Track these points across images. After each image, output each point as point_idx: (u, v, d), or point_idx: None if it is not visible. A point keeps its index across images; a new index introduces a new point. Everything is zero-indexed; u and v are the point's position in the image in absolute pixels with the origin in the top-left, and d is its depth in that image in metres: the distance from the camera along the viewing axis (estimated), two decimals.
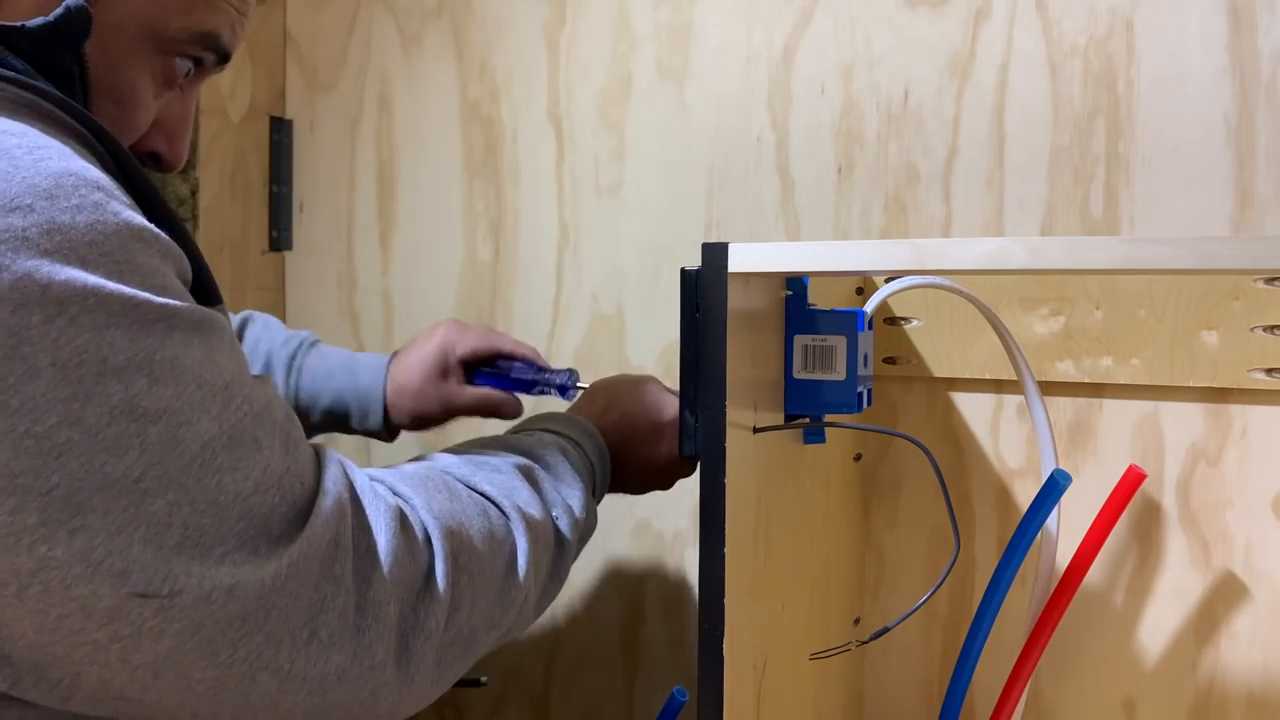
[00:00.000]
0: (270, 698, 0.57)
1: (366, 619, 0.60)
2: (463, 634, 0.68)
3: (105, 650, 0.52)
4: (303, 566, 0.57)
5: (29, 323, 0.48)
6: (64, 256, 0.50)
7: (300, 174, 1.48)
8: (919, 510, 1.14)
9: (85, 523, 0.50)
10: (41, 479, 0.49)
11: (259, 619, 0.55)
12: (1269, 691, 1.00)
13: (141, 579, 0.51)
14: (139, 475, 0.51)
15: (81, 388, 0.49)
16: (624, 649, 1.32)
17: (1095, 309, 1.03)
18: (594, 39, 1.31)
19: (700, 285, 0.81)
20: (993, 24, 1.11)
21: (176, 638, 0.53)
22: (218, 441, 0.54)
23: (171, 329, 0.53)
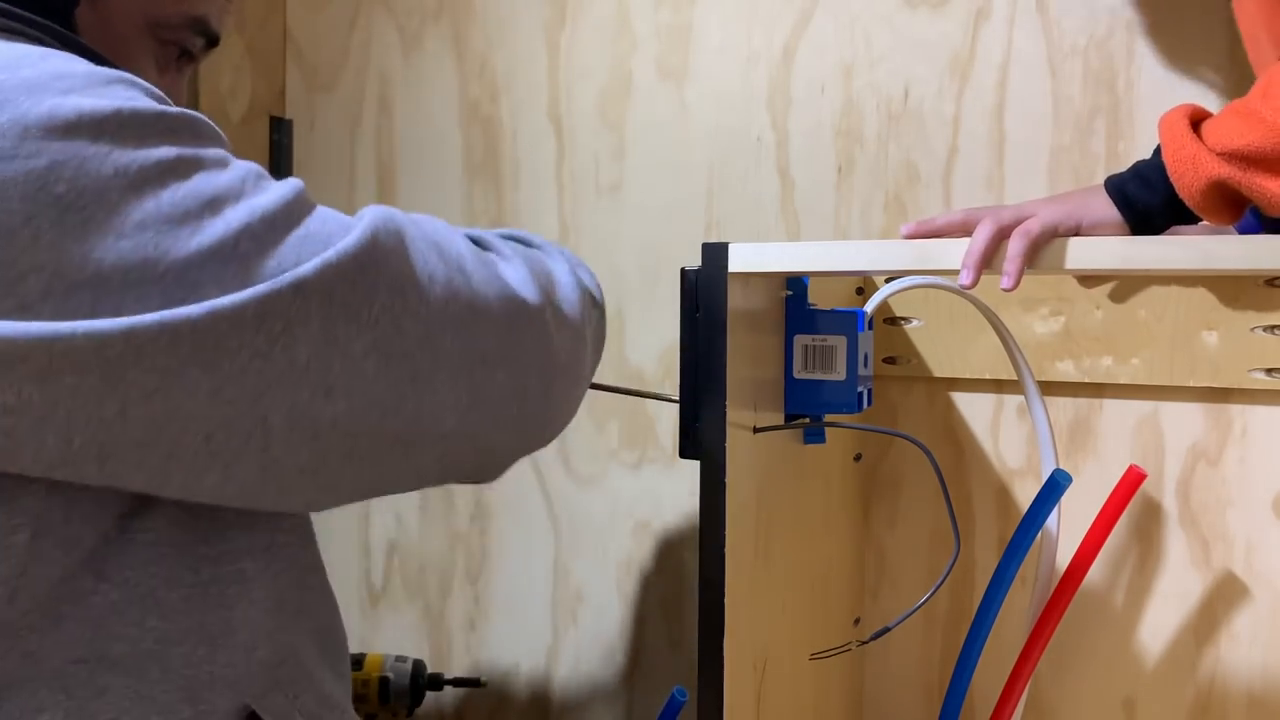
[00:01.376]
0: (427, 351, 0.61)
1: (463, 267, 0.65)
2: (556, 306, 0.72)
3: (271, 358, 0.55)
4: (384, 229, 0.62)
5: (81, 143, 0.53)
6: (77, 93, 0.54)
7: (300, 174, 1.48)
8: (919, 510, 1.14)
9: (203, 293, 0.54)
10: (149, 269, 0.53)
11: (372, 272, 0.59)
12: (1269, 691, 1.00)
13: (268, 285, 0.56)
14: (234, 242, 0.55)
15: (147, 187, 0.54)
16: (624, 649, 1.32)
17: (1095, 309, 1.03)
18: (594, 39, 1.31)
19: (700, 285, 0.81)
20: (993, 24, 1.11)
21: (320, 310, 0.57)
22: (286, 200, 0.59)
23: (198, 136, 0.58)
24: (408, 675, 1.25)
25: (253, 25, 1.44)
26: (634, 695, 1.32)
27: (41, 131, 0.52)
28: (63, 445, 0.53)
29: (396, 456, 0.63)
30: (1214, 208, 0.74)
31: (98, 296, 0.52)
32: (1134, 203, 0.77)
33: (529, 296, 0.68)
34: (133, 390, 0.53)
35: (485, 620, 1.40)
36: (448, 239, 0.67)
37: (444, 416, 0.63)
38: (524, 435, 0.72)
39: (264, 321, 0.55)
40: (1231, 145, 0.72)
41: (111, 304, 0.52)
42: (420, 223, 0.67)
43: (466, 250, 0.67)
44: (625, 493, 1.31)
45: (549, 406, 0.71)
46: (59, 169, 0.52)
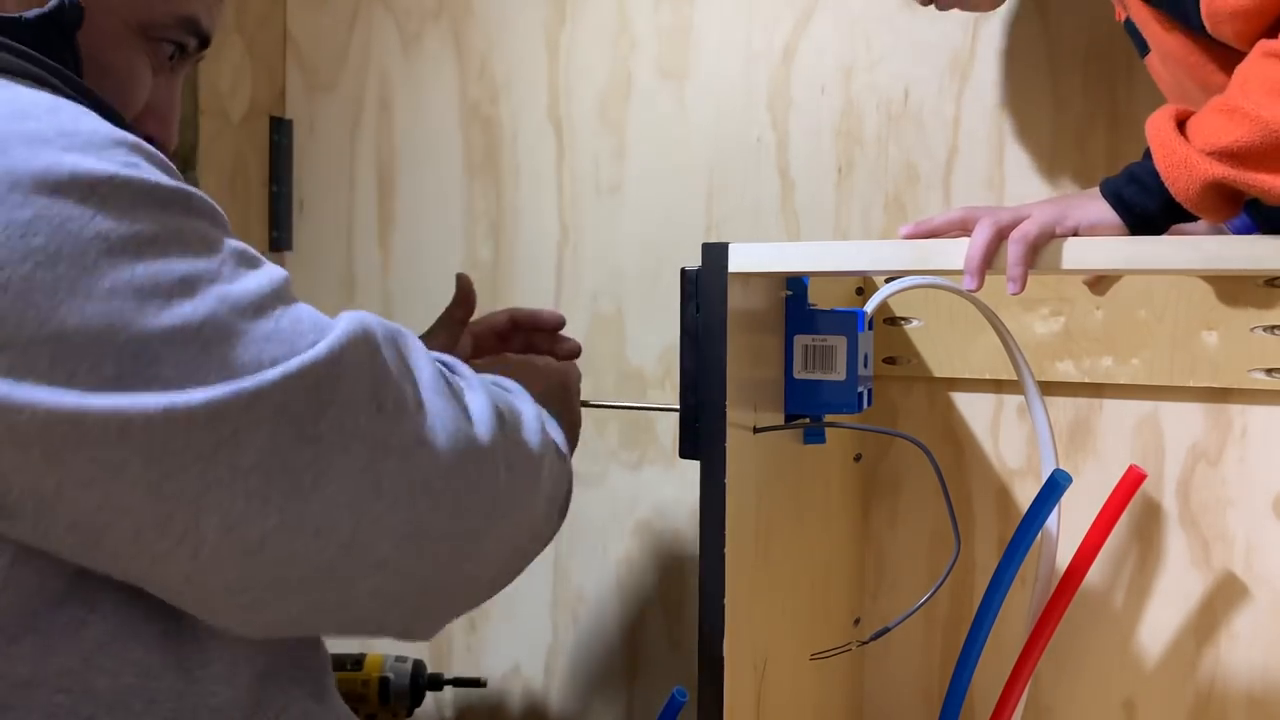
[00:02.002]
0: (370, 477, 0.60)
1: (421, 394, 0.64)
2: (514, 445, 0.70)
3: (214, 461, 0.55)
4: (353, 343, 0.60)
5: (67, 202, 0.53)
6: (77, 151, 0.54)
7: (300, 174, 1.48)
8: (919, 510, 1.14)
9: (158, 372, 0.53)
10: (110, 335, 0.53)
11: (330, 387, 0.58)
12: (1269, 691, 1.00)
13: (225, 388, 0.55)
14: (199, 327, 0.55)
15: (124, 256, 0.54)
16: (624, 649, 1.32)
17: (1095, 309, 1.03)
18: (594, 39, 1.31)
19: (700, 285, 0.81)
20: (993, 24, 1.11)
21: (270, 420, 0.56)
22: (261, 293, 0.59)
23: (189, 211, 0.58)
24: (408, 675, 1.25)
25: (253, 25, 1.44)
26: (634, 695, 1.32)
27: (32, 186, 0.52)
28: (3, 493, 0.52)
29: (328, 589, 0.61)
30: (1212, 206, 0.74)
31: (55, 356, 0.51)
32: (1132, 206, 0.77)
33: (484, 432, 0.66)
34: (71, 475, 0.52)
35: (485, 620, 1.40)
36: (416, 360, 0.66)
37: (379, 546, 0.61)
38: (462, 581, 0.69)
39: (214, 425, 0.54)
40: (1220, 143, 0.72)
41: (67, 367, 0.51)
42: (394, 338, 0.65)
43: (430, 374, 0.66)
44: (625, 493, 1.31)
45: (492, 550, 0.69)
46: (40, 223, 0.52)
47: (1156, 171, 0.75)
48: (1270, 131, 0.70)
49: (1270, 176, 0.71)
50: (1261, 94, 0.71)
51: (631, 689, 1.32)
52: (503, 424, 0.68)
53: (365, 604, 0.64)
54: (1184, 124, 0.76)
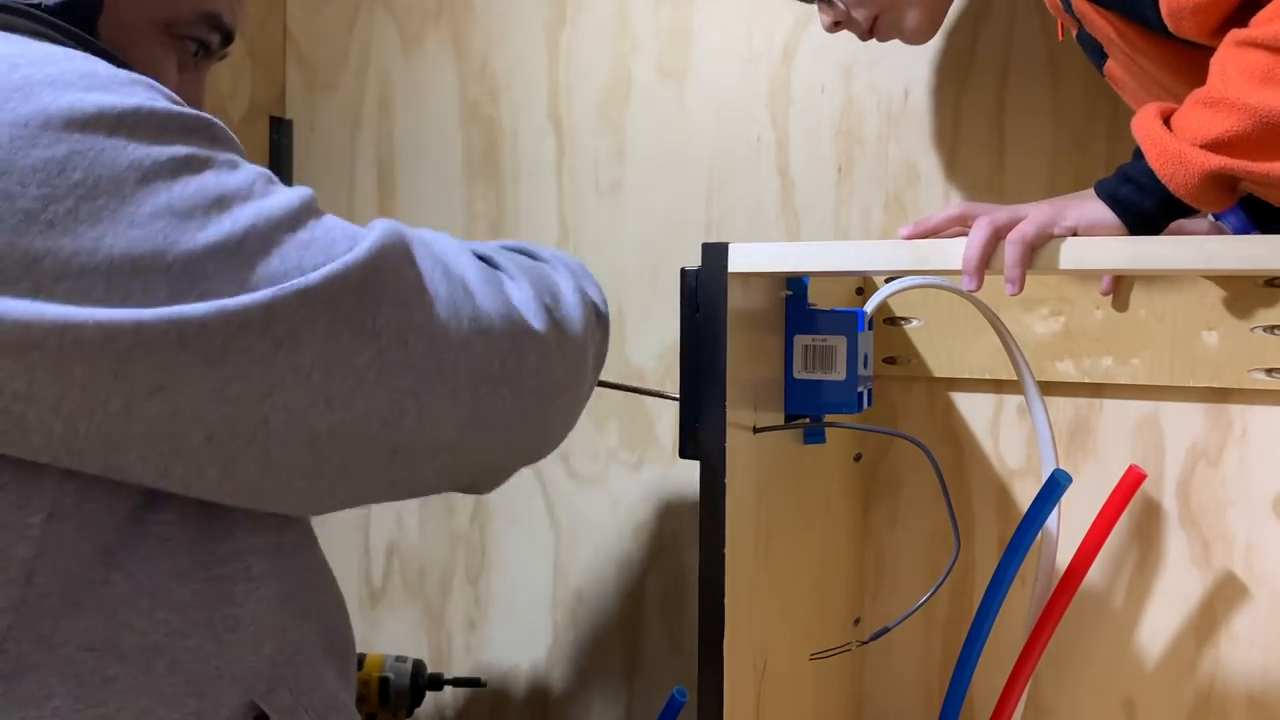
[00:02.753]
0: (431, 365, 0.62)
1: (468, 287, 0.66)
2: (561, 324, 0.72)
3: (275, 361, 0.57)
4: (391, 243, 0.62)
5: (98, 136, 0.55)
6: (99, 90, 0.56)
7: (300, 174, 1.48)
8: (919, 510, 1.14)
9: (208, 287, 0.55)
10: (158, 258, 0.54)
11: (377, 285, 0.60)
12: (1269, 691, 1.00)
13: (274, 290, 0.57)
14: (240, 240, 0.57)
15: (160, 181, 0.56)
16: (624, 649, 1.32)
17: (1095, 309, 1.03)
18: (594, 39, 1.31)
19: (700, 285, 0.81)
20: (993, 24, 1.11)
21: (325, 318, 0.58)
22: (292, 206, 0.60)
23: (214, 139, 0.60)
24: (408, 675, 1.25)
25: (253, 25, 1.44)
26: (634, 695, 1.32)
27: (62, 123, 0.54)
28: (70, 434, 0.54)
29: (394, 467, 0.64)
30: (1211, 198, 0.74)
31: (109, 281, 0.53)
32: (1129, 206, 0.77)
33: (532, 316, 0.69)
34: (139, 385, 0.54)
35: (485, 620, 1.40)
36: (454, 256, 0.68)
37: (443, 431, 0.64)
38: (523, 450, 0.73)
39: (270, 326, 0.56)
40: (1211, 135, 0.72)
41: (120, 290, 0.53)
42: (427, 239, 0.68)
43: (472, 268, 0.68)
44: (625, 493, 1.31)
45: (548, 423, 0.72)
46: (76, 158, 0.54)
47: (1151, 170, 0.75)
48: (1260, 118, 0.70)
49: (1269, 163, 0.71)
50: (1243, 82, 0.71)
51: (631, 689, 1.32)
52: (547, 306, 0.71)
53: (431, 478, 0.67)
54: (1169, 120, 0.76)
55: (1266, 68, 0.70)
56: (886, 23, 0.97)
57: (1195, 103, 0.74)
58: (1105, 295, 1.02)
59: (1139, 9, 0.80)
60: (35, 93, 0.54)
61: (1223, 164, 0.72)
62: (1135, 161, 0.77)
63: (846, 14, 0.97)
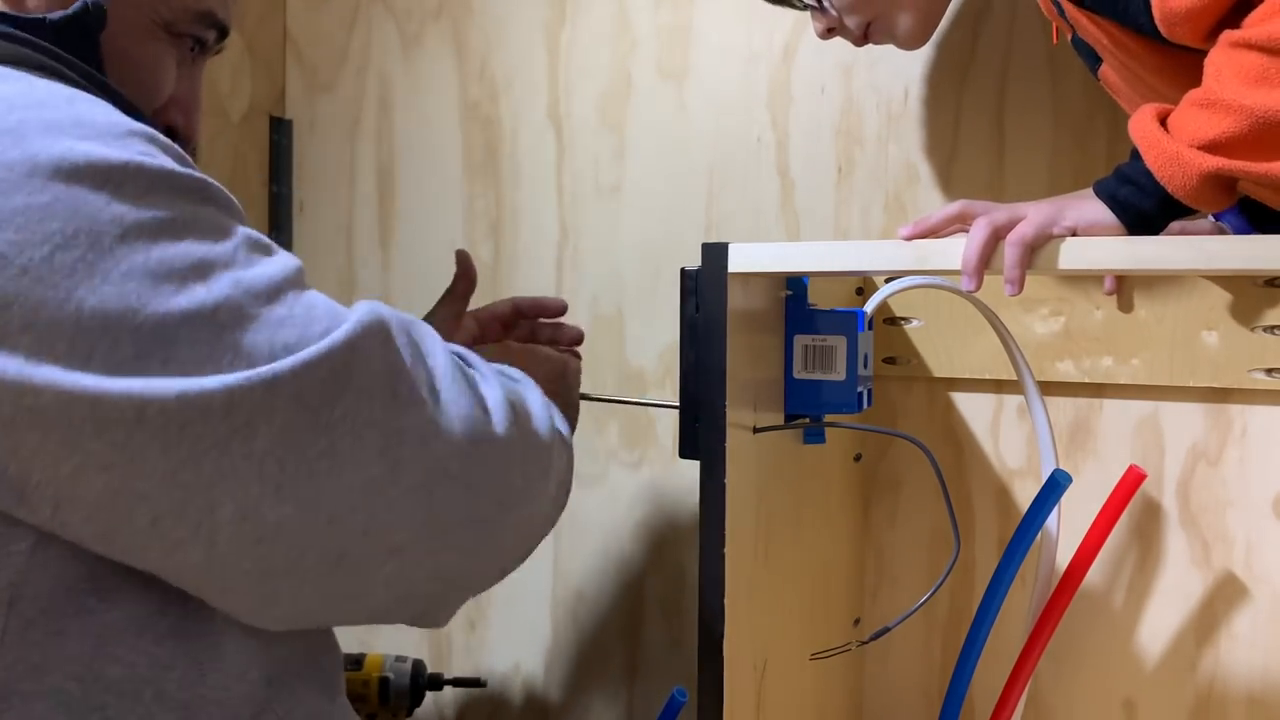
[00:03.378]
0: (386, 462, 0.61)
1: (436, 383, 0.65)
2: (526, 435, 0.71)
3: (229, 448, 0.55)
4: (367, 332, 0.61)
5: (83, 188, 0.54)
6: (93, 140, 0.55)
7: (300, 174, 1.48)
8: (919, 510, 1.14)
9: (174, 353, 0.54)
10: (127, 317, 0.54)
11: (344, 375, 0.59)
12: (1269, 691, 1.00)
13: (240, 375, 0.56)
14: (214, 310, 0.56)
15: (140, 240, 0.55)
16: (624, 649, 1.32)
17: (1095, 309, 1.03)
18: (594, 39, 1.31)
19: (700, 285, 0.81)
20: (992, 24, 1.11)
21: (285, 409, 0.57)
22: (275, 280, 0.59)
23: (205, 200, 0.59)
24: (408, 675, 1.25)
25: (253, 25, 1.44)
26: (634, 695, 1.32)
27: (49, 171, 0.53)
28: (22, 480, 0.53)
29: (340, 575, 0.62)
30: (1210, 199, 0.74)
31: (75, 336, 0.52)
32: (1128, 207, 0.77)
33: (498, 420, 0.67)
34: (90, 459, 0.53)
35: (485, 620, 1.40)
36: (430, 349, 0.67)
37: (395, 532, 0.62)
38: (477, 566, 0.70)
39: (230, 413, 0.55)
40: (1208, 136, 0.72)
41: (85, 347, 0.53)
42: (408, 325, 0.66)
43: (444, 363, 0.67)
44: (625, 493, 1.31)
45: (505, 534, 0.70)
46: (58, 206, 0.53)
47: (1149, 171, 0.75)
48: (1256, 118, 0.70)
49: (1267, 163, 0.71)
50: (1238, 83, 0.71)
51: (631, 689, 1.32)
52: (515, 415, 0.69)
53: (380, 592, 0.64)
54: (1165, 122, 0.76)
55: (1261, 68, 0.70)
56: (879, 29, 0.96)
57: (1191, 104, 0.74)
58: (1109, 295, 1.02)
59: (1132, 14, 0.80)
60: (28, 137, 0.54)
61: (1220, 165, 0.72)
62: (1133, 162, 0.77)
63: (839, 21, 0.97)
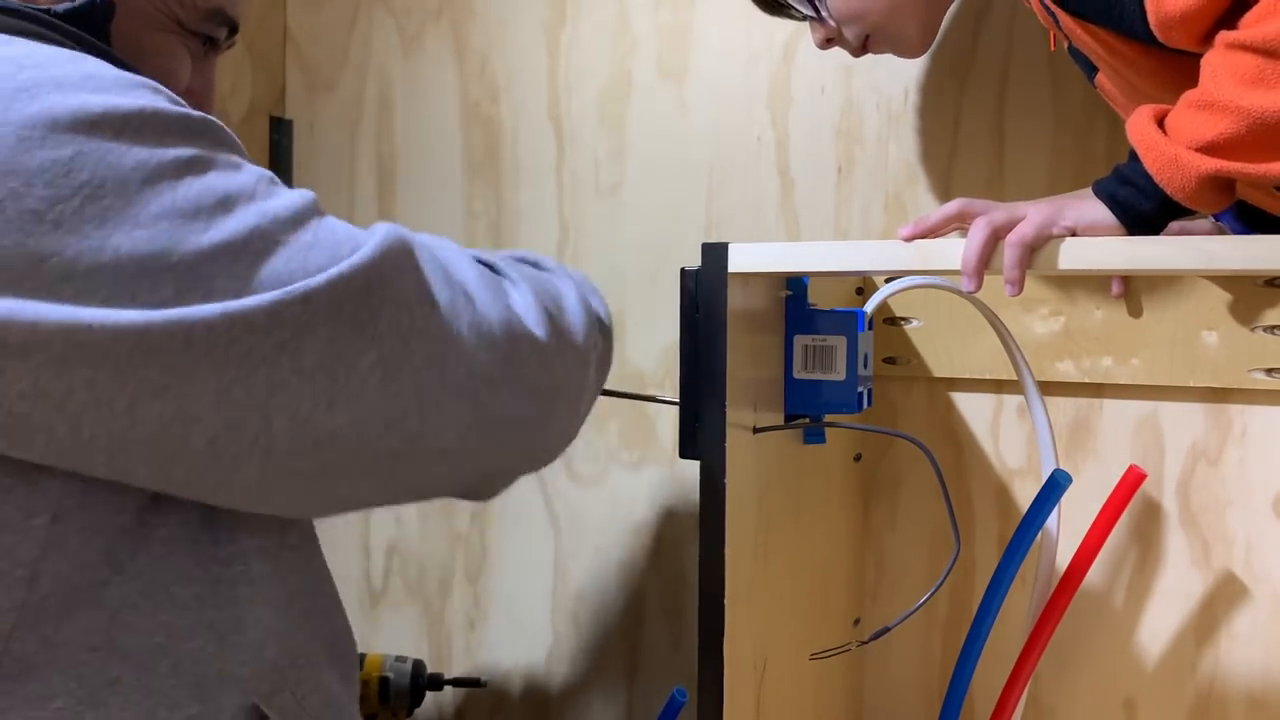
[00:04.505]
0: (433, 370, 0.63)
1: (468, 291, 0.66)
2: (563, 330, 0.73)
3: (278, 363, 0.57)
4: (394, 247, 0.63)
5: (103, 138, 0.55)
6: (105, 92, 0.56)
7: (300, 174, 1.48)
8: (919, 510, 1.14)
9: (213, 286, 0.56)
10: (163, 258, 0.55)
11: (380, 288, 0.61)
12: (1269, 691, 1.00)
13: (278, 293, 0.57)
14: (245, 240, 0.57)
15: (164, 182, 0.56)
16: (624, 649, 1.32)
17: (1095, 309, 1.03)
18: (594, 39, 1.31)
19: (700, 285, 0.81)
20: (992, 24, 1.11)
21: (328, 322, 0.58)
22: (296, 207, 0.61)
23: (218, 141, 0.60)
24: (408, 675, 1.25)
25: (253, 25, 1.44)
26: (634, 695, 1.32)
27: (69, 125, 0.54)
28: (73, 435, 0.54)
29: (396, 470, 0.64)
30: (1209, 199, 0.74)
31: (115, 281, 0.54)
32: (1128, 207, 0.77)
33: (534, 322, 0.70)
34: (144, 386, 0.54)
35: (485, 620, 1.40)
36: (456, 262, 0.69)
37: (445, 434, 0.64)
38: (523, 456, 0.73)
39: (274, 328, 0.57)
40: (1205, 138, 0.72)
41: (127, 290, 0.54)
42: (429, 244, 0.68)
43: (474, 274, 0.69)
44: (625, 493, 1.31)
45: (549, 430, 0.73)
46: (82, 159, 0.54)
47: (1148, 173, 0.75)
48: (1253, 119, 0.70)
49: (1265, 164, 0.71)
50: (1234, 84, 0.71)
51: (631, 689, 1.32)
52: (549, 315, 0.71)
53: (433, 482, 0.68)
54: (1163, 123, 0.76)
55: (1256, 69, 0.70)
56: (878, 40, 0.96)
57: (1188, 105, 0.74)
58: (1118, 298, 1.02)
59: (1126, 21, 0.79)
60: (41, 94, 0.55)
61: (1219, 167, 0.72)
62: (1132, 163, 0.77)
63: (838, 31, 0.96)
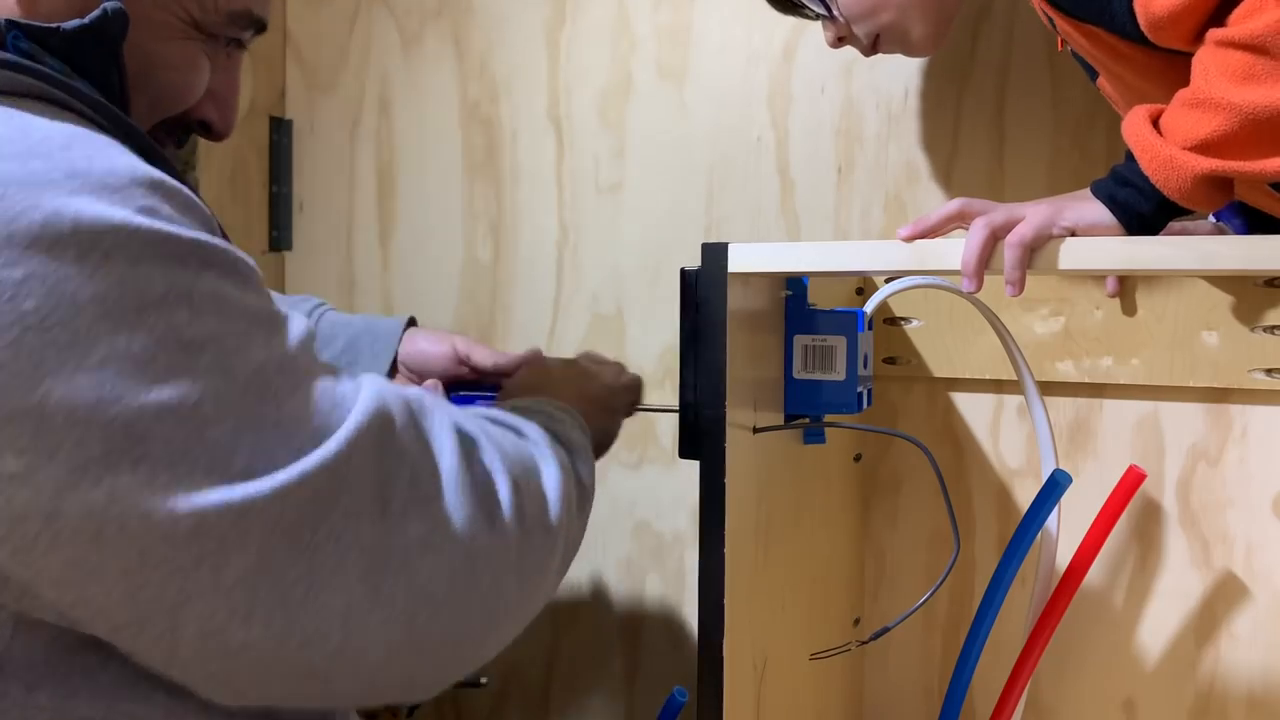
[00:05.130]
0: (367, 587, 0.56)
1: (435, 488, 0.60)
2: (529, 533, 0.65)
3: (195, 576, 0.51)
4: (362, 439, 0.56)
5: (64, 260, 0.48)
6: (87, 195, 0.50)
7: (300, 174, 1.48)
8: (919, 510, 1.14)
9: (147, 451, 0.49)
10: (99, 411, 0.49)
11: (330, 496, 0.54)
12: (1269, 691, 1.00)
13: (214, 497, 0.51)
14: (196, 401, 0.51)
15: (124, 320, 0.50)
16: (624, 649, 1.32)
17: (1095, 309, 1.03)
18: (594, 39, 1.31)
19: (700, 285, 0.81)
20: (992, 24, 1.11)
21: (261, 534, 0.52)
22: (269, 366, 0.54)
23: (206, 266, 0.53)
24: None
25: None
26: (634, 695, 1.32)
27: (27, 241, 0.48)
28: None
29: (312, 684, 0.58)
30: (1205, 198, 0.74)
31: (37, 431, 0.48)
32: (1127, 208, 0.77)
33: (502, 526, 0.63)
34: (44, 574, 0.50)
35: None
36: (439, 444, 0.61)
37: (371, 652, 0.57)
38: (458, 669, 0.65)
39: (198, 539, 0.51)
40: (1198, 137, 0.72)
41: (48, 443, 0.48)
42: (417, 419, 0.61)
43: (451, 461, 0.61)
44: (625, 493, 1.31)
45: (492, 643, 0.65)
46: (33, 283, 0.48)
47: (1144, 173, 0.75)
48: (1245, 116, 0.70)
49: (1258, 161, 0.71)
50: (1225, 81, 0.71)
51: (631, 689, 1.32)
52: (522, 510, 0.64)
53: (354, 694, 0.61)
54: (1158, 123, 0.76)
55: (1246, 66, 0.70)
56: (889, 38, 0.96)
57: (1181, 104, 0.74)
58: (1112, 297, 1.02)
59: (1118, 22, 0.79)
60: (9, 195, 0.48)
61: (1214, 166, 0.72)
62: (1130, 164, 0.77)
63: (849, 29, 0.96)
